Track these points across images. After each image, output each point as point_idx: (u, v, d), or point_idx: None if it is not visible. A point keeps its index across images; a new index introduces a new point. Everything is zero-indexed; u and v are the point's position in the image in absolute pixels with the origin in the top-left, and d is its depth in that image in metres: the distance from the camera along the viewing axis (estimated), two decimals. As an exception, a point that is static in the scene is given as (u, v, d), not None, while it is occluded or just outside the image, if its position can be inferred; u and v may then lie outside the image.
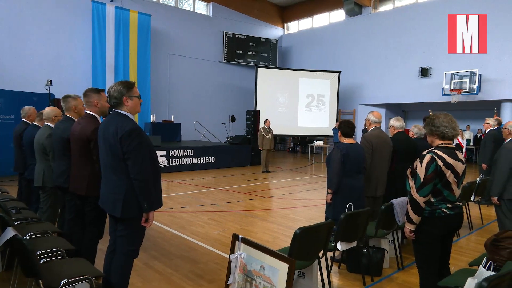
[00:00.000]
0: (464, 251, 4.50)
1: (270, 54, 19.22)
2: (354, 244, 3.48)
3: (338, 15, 18.10)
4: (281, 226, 5.43)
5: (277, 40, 19.57)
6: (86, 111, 3.13)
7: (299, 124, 16.69)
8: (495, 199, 4.17)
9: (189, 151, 11.02)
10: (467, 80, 12.77)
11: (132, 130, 2.43)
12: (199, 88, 17.21)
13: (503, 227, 4.04)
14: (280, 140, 20.06)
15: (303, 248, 2.78)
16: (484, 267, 2.05)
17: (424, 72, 14.41)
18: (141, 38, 14.43)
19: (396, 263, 3.89)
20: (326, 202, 3.95)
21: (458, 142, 13.82)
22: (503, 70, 12.51)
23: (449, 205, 2.56)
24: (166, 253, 4.15)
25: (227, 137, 13.98)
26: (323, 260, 3.10)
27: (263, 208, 6.58)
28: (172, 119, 14.20)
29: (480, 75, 12.70)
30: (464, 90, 12.79)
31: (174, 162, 10.64)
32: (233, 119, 14.75)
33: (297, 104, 16.66)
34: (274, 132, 11.84)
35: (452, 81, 13.02)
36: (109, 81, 13.27)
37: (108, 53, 13.63)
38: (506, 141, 4.33)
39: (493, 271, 2.06)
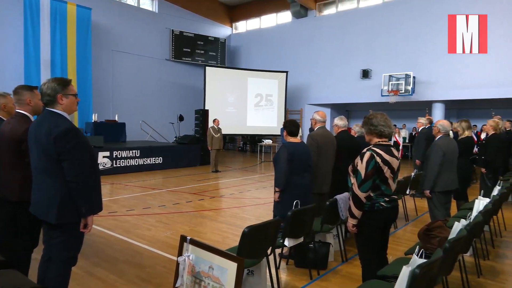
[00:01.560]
0: (401, 241, 4.83)
1: (218, 53, 19.13)
2: (301, 240, 3.58)
3: (285, 16, 18.50)
4: (230, 226, 5.43)
5: (225, 39, 19.52)
6: (17, 110, 2.88)
7: (248, 124, 16.81)
8: (427, 192, 4.51)
9: (135, 152, 10.61)
10: (403, 82, 13.74)
11: (67, 129, 2.29)
12: (145, 86, 16.63)
13: (434, 218, 4.39)
14: (229, 139, 20.05)
15: (252, 247, 2.81)
16: (417, 255, 2.21)
17: (365, 74, 15.24)
18: (80, 33, 13.58)
19: (340, 256, 4.07)
20: (274, 200, 4.02)
21: (395, 139, 14.81)
22: (434, 73, 13.62)
23: (386, 199, 2.73)
24: (109, 259, 3.96)
25: (175, 137, 13.68)
26: (271, 257, 3.15)
27: (212, 208, 6.54)
28: (116, 119, 13.55)
29: (414, 77, 13.71)
30: (400, 91, 13.74)
31: (119, 164, 10.18)
32: (181, 118, 14.46)
33: (246, 103, 16.76)
34: (224, 132, 11.80)
35: (390, 82, 13.93)
36: (45, 78, 12.25)
37: (43, 48, 12.66)
38: (436, 138, 4.70)
39: (424, 258, 2.22)
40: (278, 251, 3.86)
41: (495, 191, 4.68)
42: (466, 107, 15.09)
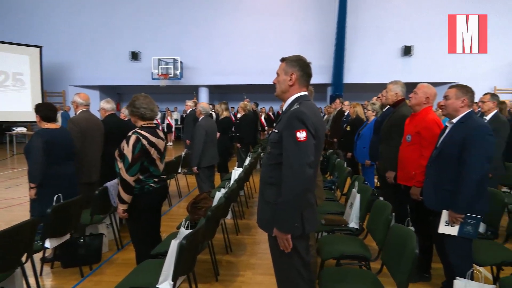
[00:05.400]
0: (175, 217, 5.13)
1: None
2: (68, 237, 3.21)
3: (33, -20, 15.51)
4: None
5: None
6: None
7: (-10, 108, 13.40)
8: (194, 168, 4.94)
9: None
10: (172, 67, 14.35)
11: None
12: None
13: (202, 191, 4.88)
14: (-38, 129, 15.42)
15: (-3, 259, 2.28)
16: (184, 227, 2.38)
17: (135, 56, 14.94)
18: None
19: (116, 245, 3.93)
20: (30, 198, 3.41)
21: (168, 122, 15.41)
22: (198, 60, 14.87)
23: (156, 180, 2.79)
24: None
25: None
26: (28, 265, 2.67)
27: None
28: None
29: (181, 62, 14.54)
30: (170, 75, 14.30)
31: None
32: None
33: (-15, 83, 13.26)
34: (-50, 119, 8.93)
35: (160, 66, 14.24)
36: None
37: None
38: (200, 119, 5.18)
39: (191, 229, 2.42)
40: (39, 255, 3.33)
41: (247, 161, 5.65)
42: (226, 91, 17.36)
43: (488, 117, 4.23)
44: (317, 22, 14.34)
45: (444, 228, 2.53)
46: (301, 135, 1.80)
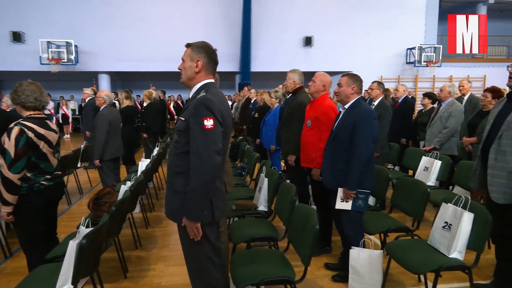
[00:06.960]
0: (76, 216, 4.71)
1: None
2: None
3: None
4: None
5: None
6: None
7: None
8: (96, 161, 4.57)
9: None
10: (65, 50, 12.91)
11: None
12: None
13: (106, 185, 4.54)
14: None
15: None
16: (84, 226, 2.19)
17: (17, 37, 13.04)
18: None
19: (2, 253, 3.45)
20: None
21: (63, 112, 13.97)
22: (97, 44, 13.61)
23: (48, 177, 2.51)
24: None
25: None
26: None
27: None
28: None
29: (76, 46, 13.17)
30: (62, 60, 12.86)
31: None
32: None
33: None
34: None
35: (49, 50, 12.69)
36: None
37: None
38: (101, 108, 4.79)
39: (94, 227, 2.24)
40: None
41: (155, 152, 5.44)
42: (129, 79, 16.30)
43: (375, 103, 4.76)
44: (223, 9, 14.28)
45: (339, 204, 2.80)
46: (209, 123, 1.79)
